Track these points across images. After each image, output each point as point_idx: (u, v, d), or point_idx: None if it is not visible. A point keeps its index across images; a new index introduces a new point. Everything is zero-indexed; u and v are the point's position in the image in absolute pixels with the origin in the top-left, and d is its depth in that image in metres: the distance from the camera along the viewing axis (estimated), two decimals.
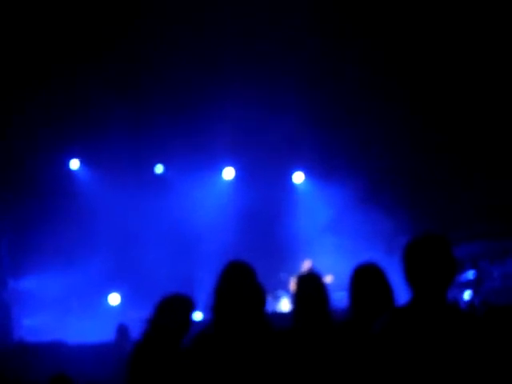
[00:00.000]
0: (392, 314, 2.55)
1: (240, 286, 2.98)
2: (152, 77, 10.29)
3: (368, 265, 3.31)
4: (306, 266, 11.76)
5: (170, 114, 10.97)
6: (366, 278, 3.22)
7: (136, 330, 7.24)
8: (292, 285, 11.62)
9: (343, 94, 10.72)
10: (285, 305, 11.38)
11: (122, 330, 7.85)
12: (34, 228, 11.10)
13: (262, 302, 3.04)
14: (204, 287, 10.78)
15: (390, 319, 2.47)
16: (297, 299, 3.26)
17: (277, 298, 11.32)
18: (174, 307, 3.35)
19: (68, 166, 12.34)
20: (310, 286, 3.25)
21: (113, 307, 11.79)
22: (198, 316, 10.91)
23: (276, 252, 11.82)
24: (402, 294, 3.18)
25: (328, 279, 9.66)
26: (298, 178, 13.50)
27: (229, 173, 13.26)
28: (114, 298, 11.99)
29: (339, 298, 3.96)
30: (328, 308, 3.22)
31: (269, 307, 3.32)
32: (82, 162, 12.47)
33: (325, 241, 11.66)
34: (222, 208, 12.30)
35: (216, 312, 3.02)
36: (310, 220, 12.17)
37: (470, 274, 11.11)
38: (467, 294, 10.45)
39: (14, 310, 10.17)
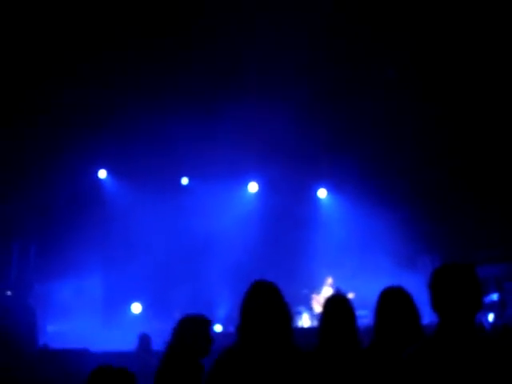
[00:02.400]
0: (421, 341, 2.57)
1: (267, 307, 2.97)
2: (180, 89, 10.44)
3: (395, 288, 3.30)
4: (327, 282, 11.75)
5: (196, 127, 11.09)
6: (393, 302, 3.22)
7: (158, 340, 7.35)
8: (314, 301, 11.60)
9: (365, 112, 10.75)
10: (305, 321, 11.37)
11: (144, 340, 7.91)
12: (61, 234, 11.28)
13: (289, 323, 3.04)
14: (224, 300, 10.82)
15: (419, 347, 2.50)
16: (324, 319, 3.28)
17: (298, 314, 11.32)
18: (190, 329, 3.43)
19: (96, 175, 12.57)
20: (338, 307, 3.27)
21: (135, 316, 11.89)
22: (217, 328, 11.01)
23: (297, 268, 11.81)
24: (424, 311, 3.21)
25: (349, 297, 9.63)
26: (322, 193, 13.54)
27: (253, 186, 13.37)
28: (137, 308, 12.10)
29: (360, 315, 3.96)
30: (355, 330, 3.23)
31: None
32: (109, 171, 12.71)
33: (346, 258, 11.63)
34: (246, 221, 12.37)
35: (242, 332, 3.00)
36: (332, 236, 12.15)
37: (494, 296, 10.94)
38: (490, 317, 10.28)
39: (39, 315, 10.30)
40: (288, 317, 3.05)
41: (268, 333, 2.92)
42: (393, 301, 3.22)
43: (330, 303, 3.34)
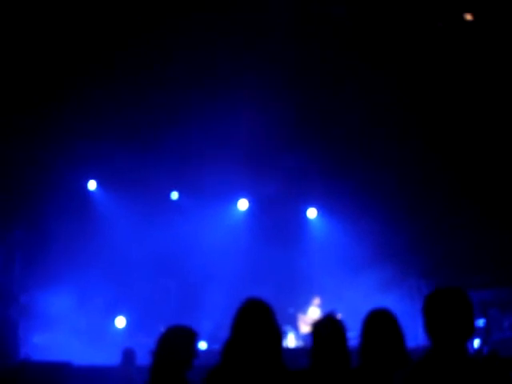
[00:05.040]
0: (412, 365, 2.58)
1: (260, 325, 2.96)
2: (172, 103, 10.48)
3: (381, 310, 3.30)
4: (314, 303, 11.72)
5: (189, 141, 11.16)
6: (379, 324, 3.22)
7: (142, 355, 7.29)
8: (300, 321, 11.54)
9: (356, 134, 10.84)
10: (291, 341, 11.30)
11: (128, 355, 7.84)
12: (48, 245, 11.20)
13: (280, 342, 3.05)
14: (210, 316, 10.73)
15: (409, 371, 2.51)
16: (316, 340, 3.25)
17: (284, 334, 11.23)
18: (176, 339, 3.36)
19: (85, 186, 12.49)
20: (329, 328, 3.26)
21: (119, 330, 11.78)
22: (202, 345, 10.92)
23: (284, 286, 11.77)
24: (412, 334, 3.22)
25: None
26: (312, 213, 13.54)
27: (243, 204, 13.36)
28: (121, 322, 11.98)
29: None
30: (347, 351, 3.22)
31: None
32: (99, 183, 12.65)
33: (333, 279, 11.62)
34: (234, 238, 12.36)
35: (233, 349, 2.99)
36: (320, 256, 12.16)
37: (480, 322, 10.97)
38: (476, 343, 10.30)
39: (22, 326, 10.17)
40: (279, 336, 3.05)
41: (259, 351, 2.91)
42: (378, 323, 3.22)
43: (322, 324, 3.33)
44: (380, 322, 3.22)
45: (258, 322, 2.98)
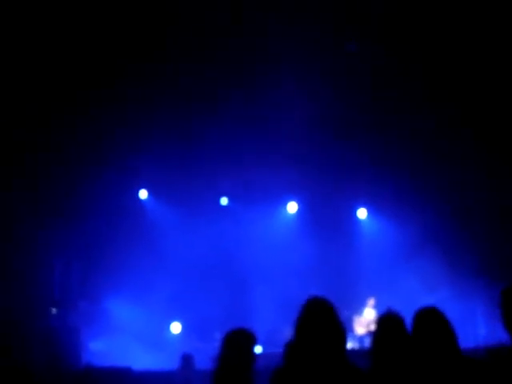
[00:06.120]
0: (491, 358, 2.59)
1: (325, 326, 2.95)
2: (216, 111, 10.59)
3: (429, 309, 3.24)
4: (369, 304, 11.55)
5: (234, 148, 11.27)
6: (427, 323, 3.15)
7: (200, 360, 7.39)
8: (355, 323, 11.39)
9: (408, 134, 10.66)
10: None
11: (187, 360, 7.94)
12: (104, 253, 11.50)
13: (345, 341, 3.03)
14: (263, 320, 10.69)
15: (489, 363, 2.53)
16: (378, 339, 3.26)
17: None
18: (240, 342, 3.41)
19: (136, 195, 12.77)
20: (392, 326, 3.24)
21: (175, 336, 11.94)
22: (258, 349, 10.91)
23: (338, 289, 11.64)
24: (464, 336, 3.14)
25: None
26: (362, 213, 13.34)
27: (292, 207, 13.31)
28: (176, 327, 12.13)
29: None
30: (408, 348, 3.17)
31: None
32: (149, 191, 12.89)
33: (388, 280, 11.43)
34: (285, 241, 12.33)
35: (298, 351, 2.96)
36: (374, 257, 11.98)
37: None
38: None
39: (84, 333, 10.45)
40: (345, 336, 3.03)
41: (326, 352, 2.89)
42: (427, 323, 3.15)
43: (385, 323, 3.31)
44: (429, 322, 3.15)
45: (324, 322, 2.96)
